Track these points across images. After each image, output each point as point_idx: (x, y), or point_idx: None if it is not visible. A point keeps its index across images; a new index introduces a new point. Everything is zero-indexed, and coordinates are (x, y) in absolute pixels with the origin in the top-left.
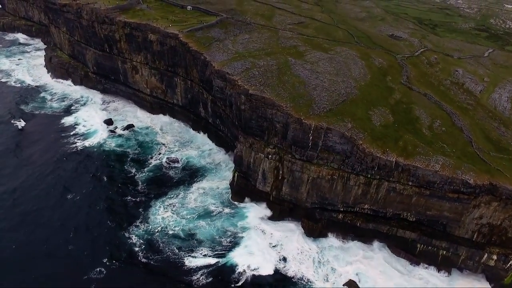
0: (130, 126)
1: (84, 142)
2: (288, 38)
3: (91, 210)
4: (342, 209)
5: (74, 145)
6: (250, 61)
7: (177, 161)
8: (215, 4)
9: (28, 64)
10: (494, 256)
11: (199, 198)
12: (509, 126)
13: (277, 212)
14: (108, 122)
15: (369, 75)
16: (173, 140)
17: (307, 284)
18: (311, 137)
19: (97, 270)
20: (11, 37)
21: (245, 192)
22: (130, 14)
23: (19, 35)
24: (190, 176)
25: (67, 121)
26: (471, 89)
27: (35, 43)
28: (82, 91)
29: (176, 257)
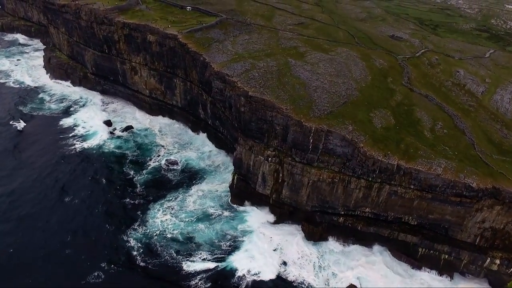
0: (129, 128)
1: (83, 144)
2: (288, 39)
3: (89, 213)
4: (343, 213)
5: (73, 147)
6: (250, 62)
7: (176, 163)
8: (215, 5)
9: (27, 65)
10: (497, 261)
11: (198, 201)
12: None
13: (277, 215)
14: (107, 124)
15: (370, 76)
16: (172, 142)
17: None
18: (312, 140)
19: (95, 274)
20: (10, 38)
21: (245, 195)
22: (129, 15)
23: (18, 36)
24: (189, 179)
25: (66, 123)
26: (473, 91)
27: (34, 44)
28: (81, 92)
29: (175, 261)
